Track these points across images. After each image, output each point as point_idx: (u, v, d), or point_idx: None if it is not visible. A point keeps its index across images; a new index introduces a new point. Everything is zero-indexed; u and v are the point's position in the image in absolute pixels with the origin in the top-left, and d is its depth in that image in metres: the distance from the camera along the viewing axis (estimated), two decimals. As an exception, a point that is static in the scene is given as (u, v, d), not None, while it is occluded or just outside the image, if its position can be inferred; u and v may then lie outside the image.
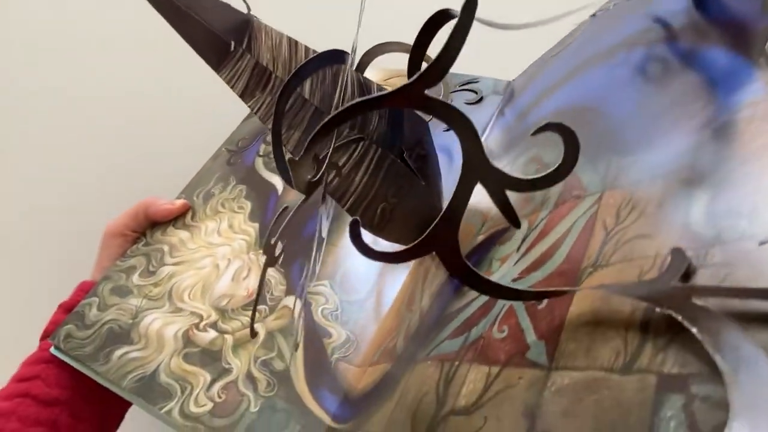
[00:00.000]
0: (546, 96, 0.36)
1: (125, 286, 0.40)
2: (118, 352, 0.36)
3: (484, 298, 0.24)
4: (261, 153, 0.48)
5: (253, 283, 0.38)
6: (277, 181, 0.45)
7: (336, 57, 0.29)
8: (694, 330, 0.13)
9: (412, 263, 0.34)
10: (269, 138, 0.49)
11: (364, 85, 0.33)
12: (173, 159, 0.54)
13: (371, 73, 0.46)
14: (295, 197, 0.43)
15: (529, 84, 0.41)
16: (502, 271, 0.23)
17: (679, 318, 0.13)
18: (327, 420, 0.30)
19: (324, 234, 0.32)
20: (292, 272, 0.37)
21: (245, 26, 0.32)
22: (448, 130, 0.25)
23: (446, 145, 0.39)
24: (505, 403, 0.16)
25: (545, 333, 0.17)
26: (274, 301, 0.36)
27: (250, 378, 0.33)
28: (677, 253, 0.15)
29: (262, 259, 0.36)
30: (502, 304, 0.22)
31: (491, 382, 0.18)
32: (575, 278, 0.18)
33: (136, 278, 0.41)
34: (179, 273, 0.40)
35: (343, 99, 0.31)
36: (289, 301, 0.36)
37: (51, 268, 0.58)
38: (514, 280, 0.21)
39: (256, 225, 0.42)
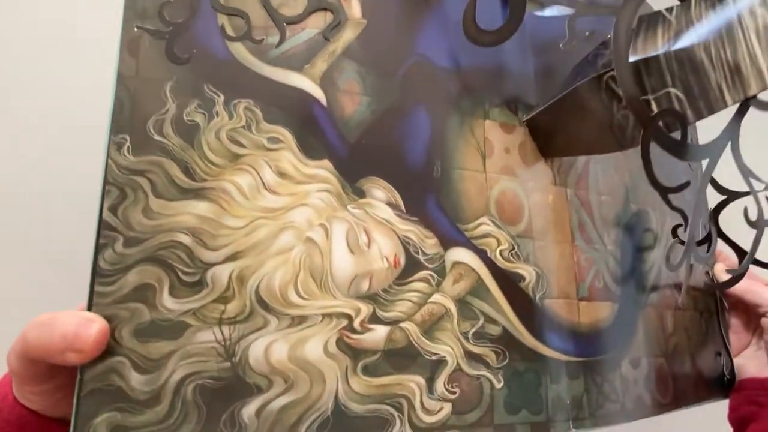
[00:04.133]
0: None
1: (160, 320, 0.25)
2: (249, 410, 0.25)
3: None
4: (231, 33, 0.29)
5: (386, 247, 0.28)
6: (306, 83, 0.29)
7: None
8: None
9: (551, 193, 0.32)
10: (222, -1, 0.29)
11: None
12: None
13: None
14: (354, 107, 0.30)
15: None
16: None
17: None
18: (564, 358, 0.29)
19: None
20: (431, 216, 0.29)
21: None
22: None
23: None
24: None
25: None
26: (434, 260, 0.28)
27: (473, 357, 0.28)
28: None
29: (373, 210, 0.27)
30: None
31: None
32: None
33: (169, 302, 0.25)
34: (251, 269, 0.26)
35: None
36: (458, 254, 0.29)
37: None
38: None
39: (325, 162, 0.28)
